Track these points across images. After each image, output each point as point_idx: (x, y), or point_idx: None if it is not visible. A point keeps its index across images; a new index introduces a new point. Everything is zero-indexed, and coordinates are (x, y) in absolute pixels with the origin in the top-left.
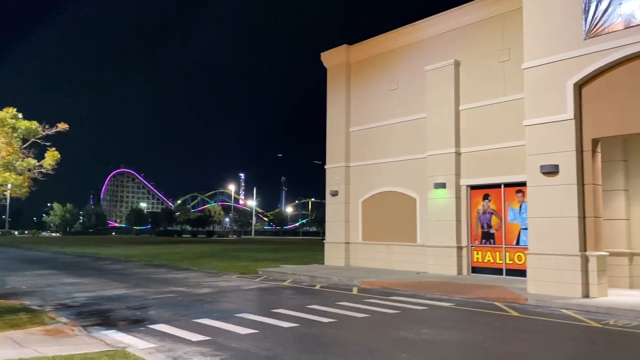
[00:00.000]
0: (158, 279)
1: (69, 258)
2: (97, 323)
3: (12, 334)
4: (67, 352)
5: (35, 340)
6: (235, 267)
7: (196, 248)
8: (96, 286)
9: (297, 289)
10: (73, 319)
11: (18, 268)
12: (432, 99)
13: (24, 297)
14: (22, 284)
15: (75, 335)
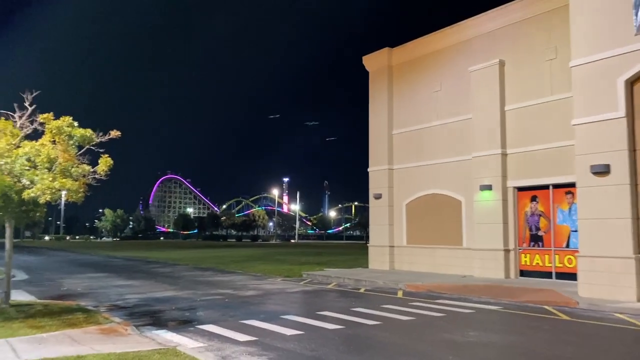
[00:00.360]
0: (205, 282)
1: (119, 262)
2: (148, 323)
3: (69, 332)
4: (121, 350)
5: (91, 338)
6: (280, 270)
7: (241, 252)
8: (146, 288)
9: (342, 292)
10: (126, 319)
11: (73, 271)
12: (477, 99)
13: (80, 298)
14: (77, 286)
15: (128, 335)
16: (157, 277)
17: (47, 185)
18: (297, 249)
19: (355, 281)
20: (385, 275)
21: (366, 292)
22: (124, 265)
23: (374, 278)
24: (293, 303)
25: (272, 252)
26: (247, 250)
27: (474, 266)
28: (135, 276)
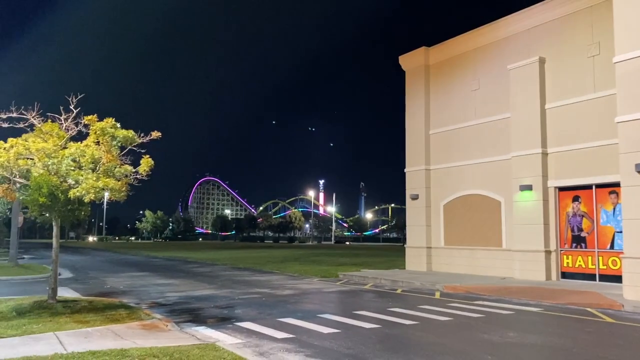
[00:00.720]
0: (243, 281)
1: (159, 261)
2: (188, 320)
3: (113, 327)
4: (163, 345)
5: (133, 333)
6: (317, 270)
7: (278, 252)
8: (186, 287)
9: (378, 292)
10: (166, 315)
11: (115, 270)
12: (517, 98)
13: (122, 296)
14: (119, 284)
15: (169, 330)
16: (196, 277)
17: (91, 185)
18: (333, 250)
19: (392, 282)
20: (423, 277)
21: (403, 293)
22: (164, 265)
23: (411, 279)
24: (329, 302)
25: (308, 253)
26: (284, 251)
27: (514, 268)
28: (175, 275)
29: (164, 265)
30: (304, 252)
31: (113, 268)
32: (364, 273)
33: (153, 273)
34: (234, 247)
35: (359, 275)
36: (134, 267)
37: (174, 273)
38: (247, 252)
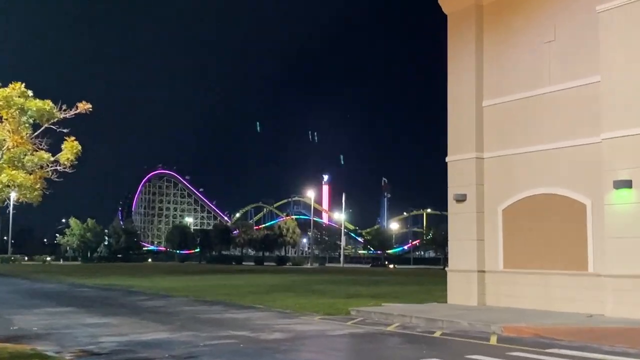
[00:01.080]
0: (212, 320)
1: (91, 292)
2: None
3: None
4: None
5: None
6: (318, 305)
7: (263, 279)
8: (129, 328)
9: (408, 336)
10: None
11: (27, 304)
12: (611, 54)
13: (36, 341)
14: (32, 324)
15: None
16: (143, 313)
17: None
18: (342, 276)
19: (427, 321)
20: (472, 313)
21: (443, 337)
22: (97, 296)
23: (455, 317)
24: (336, 352)
25: (306, 279)
26: (271, 276)
27: (607, 301)
28: (114, 311)
29: (97, 297)
30: (301, 279)
31: (23, 301)
32: (386, 308)
33: (81, 308)
34: (198, 271)
35: (379, 311)
36: (53, 299)
37: (111, 308)
38: (218, 278)
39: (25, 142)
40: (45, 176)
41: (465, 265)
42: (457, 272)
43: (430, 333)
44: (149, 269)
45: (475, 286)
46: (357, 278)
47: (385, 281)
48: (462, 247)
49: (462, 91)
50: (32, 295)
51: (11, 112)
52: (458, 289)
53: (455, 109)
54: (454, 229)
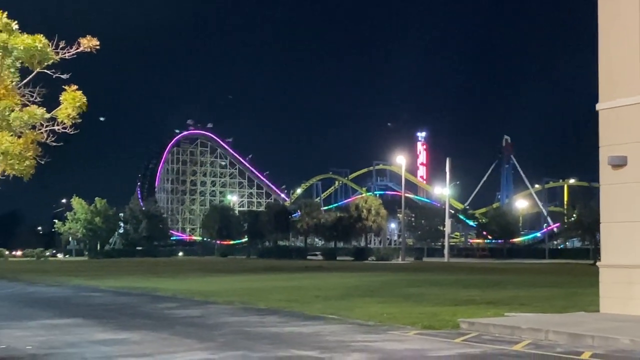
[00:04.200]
0: (266, 335)
1: (103, 297)
2: None
3: None
4: None
5: None
6: (414, 315)
7: (336, 279)
8: (155, 346)
9: (543, 358)
10: None
11: (18, 315)
12: None
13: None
14: (25, 342)
15: None
16: (173, 327)
17: None
18: (448, 275)
19: (570, 337)
20: (638, 327)
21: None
22: (111, 303)
23: (610, 331)
24: None
25: (396, 280)
26: (347, 276)
27: None
28: (134, 324)
29: (112, 305)
30: (388, 279)
31: (13, 311)
32: (511, 320)
33: (90, 320)
34: (246, 269)
35: (501, 324)
36: (53, 308)
37: (131, 320)
38: (274, 278)
39: (11, 93)
40: (39, 140)
41: (625, 258)
42: (614, 269)
43: (575, 354)
44: (179, 265)
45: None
46: (469, 278)
47: (509, 282)
48: (621, 233)
49: (621, 4)
50: (24, 302)
51: None
52: (615, 292)
53: (610, 32)
54: (610, 207)
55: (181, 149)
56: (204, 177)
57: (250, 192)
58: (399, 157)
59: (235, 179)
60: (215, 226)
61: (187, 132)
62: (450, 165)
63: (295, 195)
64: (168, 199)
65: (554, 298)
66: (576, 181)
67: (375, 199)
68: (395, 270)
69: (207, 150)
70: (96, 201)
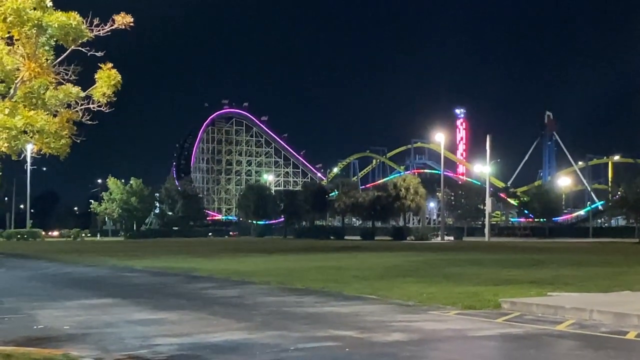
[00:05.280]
0: (304, 315)
1: (139, 277)
2: None
3: None
4: None
5: None
6: (454, 295)
7: (374, 259)
8: (192, 326)
9: (588, 338)
10: None
11: (54, 295)
12: None
13: (69, 344)
14: (63, 322)
15: None
16: (211, 306)
17: None
18: (488, 254)
19: (615, 317)
20: None
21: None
22: (147, 284)
23: None
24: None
25: (436, 259)
26: (386, 255)
27: None
28: (171, 304)
29: (148, 285)
30: (428, 258)
31: (49, 291)
32: (554, 299)
33: (127, 300)
34: (283, 249)
35: (544, 303)
36: (89, 288)
37: (168, 300)
38: (312, 258)
39: (46, 71)
40: (74, 118)
41: None
42: None
43: (620, 334)
44: (216, 245)
45: None
46: (511, 257)
47: (552, 261)
48: None
49: None
50: (61, 282)
51: (25, 30)
52: None
53: None
54: None
55: (216, 128)
56: (239, 156)
57: (287, 172)
58: (437, 135)
59: (271, 158)
60: (251, 206)
61: (222, 110)
62: (490, 142)
63: (332, 174)
64: (203, 179)
65: (598, 277)
66: (621, 157)
67: (413, 177)
68: (435, 249)
69: (243, 129)
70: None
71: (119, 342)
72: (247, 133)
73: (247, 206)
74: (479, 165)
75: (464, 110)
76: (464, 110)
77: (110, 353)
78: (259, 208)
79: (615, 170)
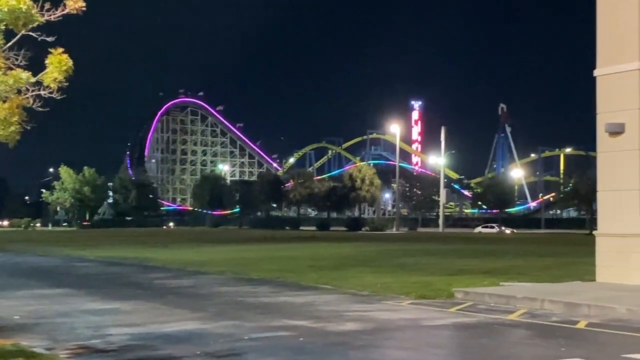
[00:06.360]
0: (259, 305)
1: (93, 267)
2: None
3: None
4: None
5: None
6: (409, 284)
7: (330, 250)
8: (146, 316)
9: (539, 327)
10: None
11: (6, 285)
12: None
13: (19, 334)
14: (14, 312)
15: None
16: (165, 296)
17: None
18: (443, 245)
19: (566, 306)
20: (634, 296)
21: (590, 329)
22: (101, 273)
23: (606, 300)
24: (436, 350)
25: (391, 250)
26: (342, 246)
27: None
28: (125, 294)
29: (102, 275)
30: (382, 249)
31: (1, 281)
32: (507, 289)
33: (80, 289)
34: (238, 239)
35: (496, 293)
36: (41, 278)
37: (122, 290)
38: (267, 248)
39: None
40: (25, 104)
41: (622, 227)
42: (611, 238)
43: (571, 323)
44: (170, 236)
45: (637, 257)
46: (464, 247)
47: (505, 252)
48: (618, 201)
49: None
50: (11, 272)
51: None
52: (611, 261)
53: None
54: (606, 176)
55: (171, 118)
56: (194, 146)
57: (242, 162)
58: (393, 126)
59: (226, 148)
60: (207, 196)
61: (177, 100)
62: (445, 134)
63: (287, 164)
64: (158, 169)
65: (550, 267)
66: (573, 150)
67: (369, 168)
68: (390, 240)
69: (198, 119)
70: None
71: (70, 332)
72: (202, 123)
73: (202, 196)
74: (434, 157)
75: (420, 102)
76: (420, 102)
77: (61, 343)
78: (214, 198)
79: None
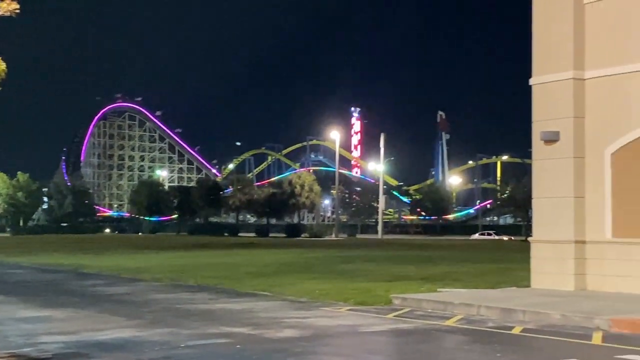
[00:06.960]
0: (196, 312)
1: (26, 274)
2: None
3: None
4: None
5: None
6: (347, 291)
7: (268, 256)
8: (80, 324)
9: (475, 333)
10: None
11: None
12: None
13: None
14: None
15: None
16: (101, 303)
17: None
18: (381, 251)
19: (502, 312)
20: (567, 302)
21: (525, 335)
22: (34, 280)
23: (542, 306)
24: (373, 356)
25: (330, 256)
26: (281, 252)
27: None
28: (59, 301)
29: (35, 282)
30: (322, 255)
31: None
32: (444, 295)
33: (12, 297)
34: (176, 246)
35: (433, 299)
36: None
37: (55, 297)
38: (205, 254)
39: None
40: None
41: (557, 233)
42: (546, 244)
43: (506, 329)
44: (106, 242)
45: (571, 263)
46: (403, 254)
47: (443, 258)
48: (553, 209)
49: None
50: None
51: None
52: (546, 267)
53: (544, 7)
54: (541, 183)
55: (108, 122)
56: (132, 151)
57: (181, 167)
58: (332, 133)
59: (164, 153)
60: (144, 202)
61: (114, 104)
62: (384, 140)
63: (227, 170)
64: (94, 174)
65: (486, 274)
66: (509, 157)
67: (308, 174)
68: (329, 246)
69: (136, 124)
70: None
71: (2, 340)
72: (140, 128)
73: (139, 202)
74: (374, 164)
75: (359, 109)
76: (359, 109)
77: None
78: (152, 204)
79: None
